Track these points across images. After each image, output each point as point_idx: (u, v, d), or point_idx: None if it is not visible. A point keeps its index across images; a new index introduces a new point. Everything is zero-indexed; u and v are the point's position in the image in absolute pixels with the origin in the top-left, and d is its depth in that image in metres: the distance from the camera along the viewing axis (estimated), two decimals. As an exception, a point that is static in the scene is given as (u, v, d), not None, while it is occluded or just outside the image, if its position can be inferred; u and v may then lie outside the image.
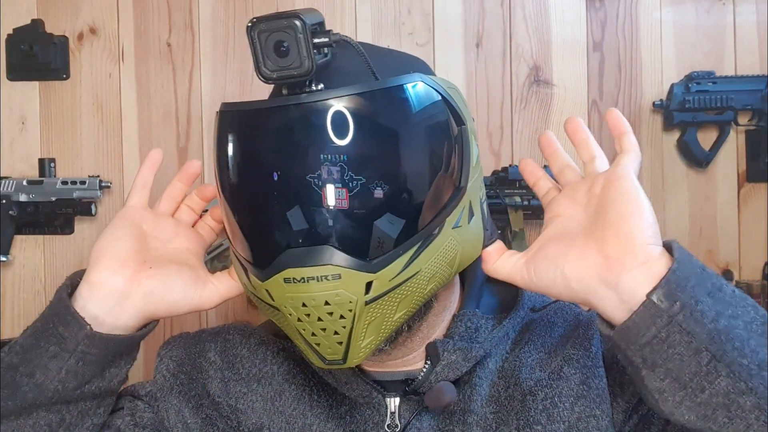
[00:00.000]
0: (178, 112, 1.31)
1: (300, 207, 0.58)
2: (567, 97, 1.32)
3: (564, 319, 0.72)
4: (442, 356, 0.65)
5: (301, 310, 0.58)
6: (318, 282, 0.57)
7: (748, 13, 1.32)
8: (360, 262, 0.58)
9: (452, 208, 0.63)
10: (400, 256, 0.59)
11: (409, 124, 0.60)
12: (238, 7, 1.31)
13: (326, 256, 0.57)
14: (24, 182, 1.26)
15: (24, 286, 1.30)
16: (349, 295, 0.57)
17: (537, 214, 1.27)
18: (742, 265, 1.33)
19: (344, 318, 0.58)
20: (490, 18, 1.32)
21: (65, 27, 1.30)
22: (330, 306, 0.57)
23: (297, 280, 0.57)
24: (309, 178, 0.57)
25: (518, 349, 0.69)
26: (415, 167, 0.61)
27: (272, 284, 0.59)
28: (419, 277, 0.60)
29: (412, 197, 0.60)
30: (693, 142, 1.30)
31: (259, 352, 0.74)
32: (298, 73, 0.56)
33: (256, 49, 0.58)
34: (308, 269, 0.57)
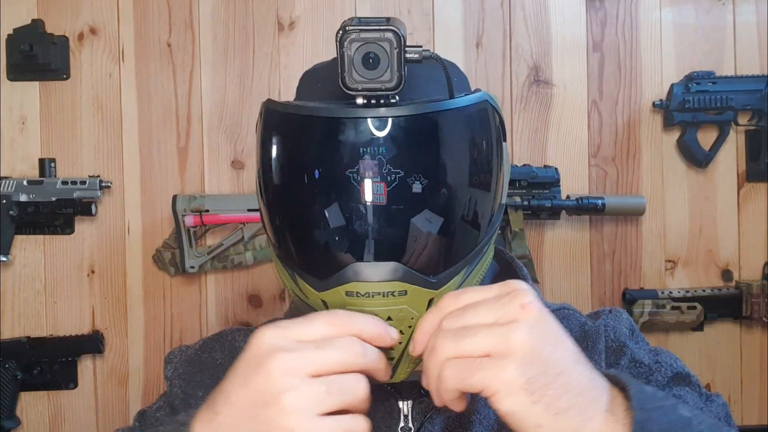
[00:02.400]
0: (178, 112, 1.31)
1: (371, 220, 0.57)
2: (567, 97, 1.32)
3: (570, 328, 0.71)
4: None
5: None
6: (384, 297, 0.56)
7: (748, 13, 1.33)
8: (425, 279, 0.58)
9: (497, 224, 0.64)
10: (459, 273, 0.60)
11: (477, 142, 0.61)
12: (238, 7, 1.31)
13: (393, 272, 0.56)
14: (24, 182, 1.26)
15: (24, 286, 1.30)
16: (412, 312, 0.57)
17: (537, 214, 1.27)
18: (742, 265, 1.33)
19: (402, 333, 0.57)
20: (490, 18, 1.32)
21: (65, 27, 1.30)
22: (392, 321, 0.56)
23: (361, 294, 0.56)
24: (383, 192, 0.57)
25: None
26: (479, 186, 0.61)
27: (332, 295, 0.58)
28: None
29: (474, 216, 0.61)
30: (693, 142, 1.30)
31: None
32: (386, 88, 0.55)
33: (344, 58, 0.55)
34: (376, 284, 0.56)
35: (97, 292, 1.30)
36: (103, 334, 1.30)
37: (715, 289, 1.30)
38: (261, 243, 1.29)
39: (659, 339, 1.32)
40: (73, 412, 1.30)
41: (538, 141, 1.32)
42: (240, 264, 1.29)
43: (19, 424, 1.28)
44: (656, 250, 1.33)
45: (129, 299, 1.31)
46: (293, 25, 1.32)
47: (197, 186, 1.31)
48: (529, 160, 1.31)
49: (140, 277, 1.31)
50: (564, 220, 1.31)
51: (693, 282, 1.33)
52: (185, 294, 1.31)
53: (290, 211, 0.62)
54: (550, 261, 1.32)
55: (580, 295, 1.33)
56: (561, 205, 1.25)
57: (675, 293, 1.29)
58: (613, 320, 0.72)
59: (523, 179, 1.25)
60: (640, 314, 1.28)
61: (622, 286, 1.33)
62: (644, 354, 0.69)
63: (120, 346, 1.31)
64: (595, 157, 1.32)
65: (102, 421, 1.30)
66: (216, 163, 1.31)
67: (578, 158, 1.32)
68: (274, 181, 0.62)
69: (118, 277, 1.31)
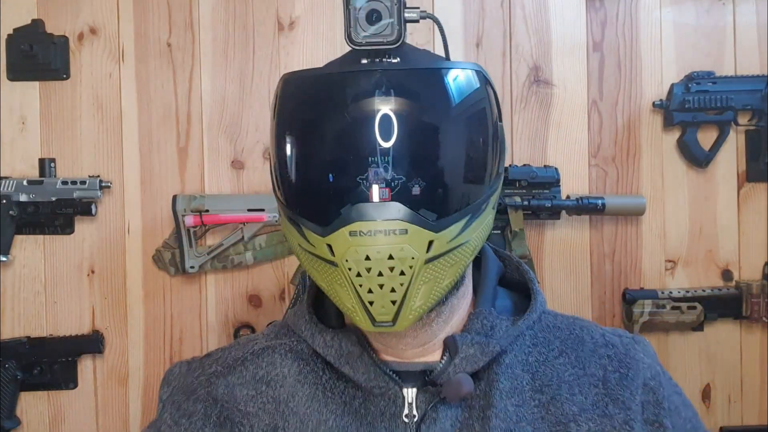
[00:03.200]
0: (178, 112, 1.31)
1: (371, 163, 0.61)
2: (567, 97, 1.32)
3: (592, 336, 0.72)
4: (460, 349, 0.66)
5: (363, 263, 0.60)
6: (385, 235, 0.59)
7: (748, 13, 1.33)
8: (425, 221, 0.61)
9: (495, 189, 0.68)
10: (458, 221, 0.62)
11: (472, 99, 0.65)
12: (238, 7, 1.31)
13: (395, 211, 0.60)
14: (24, 182, 1.27)
15: (24, 286, 1.30)
16: (413, 251, 0.60)
17: (537, 214, 1.27)
18: (742, 265, 1.33)
19: (404, 275, 0.60)
20: (490, 18, 1.32)
21: (65, 27, 1.30)
22: (393, 260, 0.59)
23: (364, 233, 0.59)
24: (385, 138, 0.61)
25: (549, 351, 0.70)
26: (478, 141, 0.65)
27: (336, 238, 0.60)
28: (467, 246, 0.64)
29: (473, 168, 0.65)
30: (693, 142, 1.30)
31: (265, 355, 0.73)
32: (387, 41, 0.61)
33: (351, 15, 0.61)
34: (377, 223, 0.59)
35: (97, 292, 1.30)
36: (103, 334, 1.30)
37: (715, 289, 1.30)
38: (261, 243, 1.29)
39: (659, 339, 1.32)
40: (73, 412, 1.30)
41: (538, 141, 1.32)
42: (240, 264, 1.29)
43: (19, 424, 1.28)
44: (656, 250, 1.33)
45: (129, 299, 1.31)
46: (293, 25, 1.32)
47: (197, 186, 1.31)
48: (529, 160, 1.31)
49: (140, 277, 1.31)
50: (564, 220, 1.31)
51: (693, 282, 1.33)
52: (185, 294, 1.31)
53: (299, 161, 0.65)
54: (550, 261, 1.32)
55: (580, 295, 1.33)
56: (561, 205, 1.25)
57: (675, 293, 1.29)
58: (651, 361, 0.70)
59: (523, 179, 1.25)
60: (640, 314, 1.28)
61: (622, 286, 1.33)
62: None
63: (120, 346, 1.31)
64: (595, 157, 1.32)
65: (102, 421, 1.30)
66: (216, 163, 1.31)
67: (578, 158, 1.32)
68: (287, 135, 0.66)
69: (118, 277, 1.31)
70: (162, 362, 1.30)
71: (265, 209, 1.27)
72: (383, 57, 0.63)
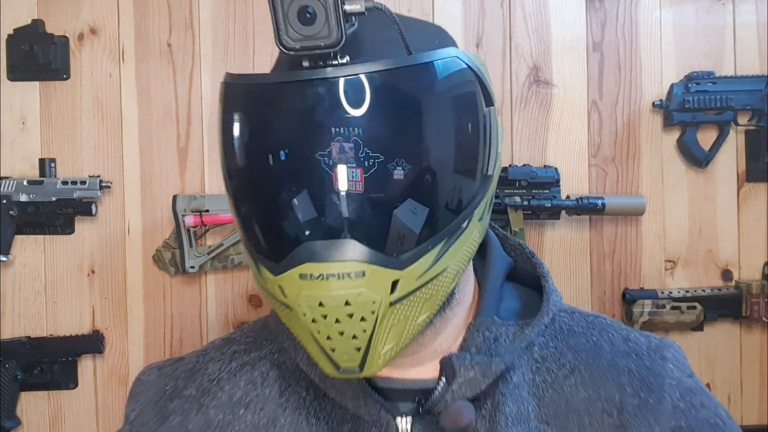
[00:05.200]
0: (178, 112, 1.31)
1: (321, 194, 0.52)
2: (567, 97, 1.32)
3: (612, 343, 0.63)
4: (458, 372, 0.58)
5: (317, 310, 0.51)
6: (339, 279, 0.50)
7: (748, 13, 1.33)
8: (386, 258, 0.52)
9: (480, 199, 0.58)
10: (428, 252, 0.53)
11: (442, 104, 0.55)
12: (238, 7, 1.31)
13: (349, 251, 0.51)
14: (24, 182, 1.27)
15: (24, 286, 1.30)
16: (373, 295, 0.51)
17: (537, 214, 1.27)
18: (741, 265, 1.33)
19: (365, 320, 0.52)
20: (490, 18, 1.32)
21: (65, 27, 1.30)
22: (351, 306, 0.51)
23: (315, 276, 0.51)
24: (333, 161, 0.51)
25: (558, 369, 0.61)
26: (447, 153, 0.55)
27: (286, 280, 0.52)
28: (445, 274, 0.55)
29: (442, 186, 0.55)
30: (693, 142, 1.30)
31: (244, 373, 0.65)
32: (325, 44, 0.50)
33: (278, 14, 0.51)
34: (328, 264, 0.51)
35: (97, 292, 1.30)
36: (103, 334, 1.30)
37: (715, 289, 1.30)
38: (261, 243, 1.29)
39: (659, 339, 1.32)
40: (73, 412, 1.30)
41: (538, 141, 1.32)
42: (240, 264, 1.29)
43: (19, 424, 1.28)
44: (656, 250, 1.33)
45: (129, 299, 1.31)
46: (293, 25, 1.31)
47: (197, 186, 1.31)
48: (529, 160, 1.31)
49: (140, 277, 1.31)
50: (564, 220, 1.31)
51: (693, 282, 1.33)
52: (185, 294, 1.31)
53: (240, 190, 0.58)
54: (550, 261, 1.32)
55: (580, 295, 1.33)
56: (561, 205, 1.25)
57: (675, 293, 1.29)
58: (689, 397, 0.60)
59: (523, 179, 1.25)
60: (640, 314, 1.28)
61: (622, 286, 1.33)
62: None
63: (120, 346, 1.31)
64: (595, 157, 1.33)
65: (102, 421, 1.30)
66: (216, 163, 1.31)
67: (578, 158, 1.32)
68: (224, 161, 0.58)
69: (118, 277, 1.31)
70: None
71: (265, 209, 1.27)
72: (327, 59, 0.52)
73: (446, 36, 0.64)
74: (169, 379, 0.68)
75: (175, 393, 0.67)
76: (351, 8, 0.51)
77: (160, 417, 0.65)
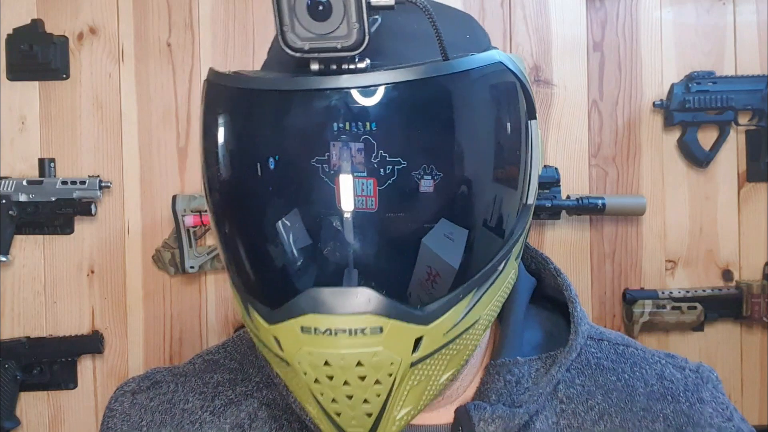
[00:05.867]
0: (178, 112, 1.31)
1: (332, 231, 0.43)
2: (567, 97, 1.32)
3: (645, 382, 0.55)
4: (477, 427, 0.49)
5: (321, 369, 0.42)
6: (350, 336, 0.41)
7: (748, 13, 1.32)
8: (409, 312, 0.42)
9: (520, 234, 0.48)
10: (460, 302, 0.44)
11: (482, 121, 0.46)
12: (238, 7, 1.31)
13: (364, 302, 0.41)
14: (24, 182, 1.26)
15: (24, 286, 1.30)
16: (392, 355, 0.41)
17: (537, 214, 1.27)
18: (742, 265, 1.33)
19: (380, 384, 0.42)
20: (490, 18, 1.32)
21: (65, 27, 1.30)
22: (363, 368, 0.41)
23: (320, 331, 0.41)
24: (350, 193, 0.42)
25: (586, 413, 0.53)
26: (491, 180, 0.46)
27: (283, 331, 0.43)
28: (476, 327, 0.46)
29: (478, 218, 0.45)
30: (693, 142, 1.30)
31: (229, 414, 0.56)
32: (342, 47, 0.40)
33: (282, 6, 0.40)
34: (338, 318, 0.41)
35: (96, 292, 1.30)
36: (103, 334, 1.30)
37: (716, 289, 1.30)
38: (261, 243, 1.29)
39: (659, 339, 1.32)
40: (73, 412, 1.30)
41: (538, 141, 1.32)
42: (240, 264, 1.29)
43: (18, 424, 1.28)
44: (656, 250, 1.33)
45: (129, 299, 1.31)
46: (293, 25, 1.31)
47: (197, 186, 1.31)
48: (529, 160, 1.31)
49: (140, 277, 1.31)
50: (564, 220, 1.31)
51: (693, 282, 1.33)
52: (185, 294, 1.31)
53: (230, 217, 0.48)
54: (550, 261, 1.32)
55: (581, 296, 1.32)
56: (561, 205, 1.25)
57: (675, 293, 1.29)
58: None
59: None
60: (640, 314, 1.28)
61: (623, 286, 1.33)
62: None
63: (120, 346, 1.31)
64: (595, 157, 1.32)
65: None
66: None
67: (578, 158, 1.32)
68: (211, 175, 0.48)
69: (118, 277, 1.31)
70: (162, 362, 1.30)
71: (265, 209, 1.27)
72: (342, 62, 0.42)
73: (478, 28, 0.54)
74: (145, 412, 0.59)
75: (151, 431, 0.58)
76: (377, 2, 0.40)
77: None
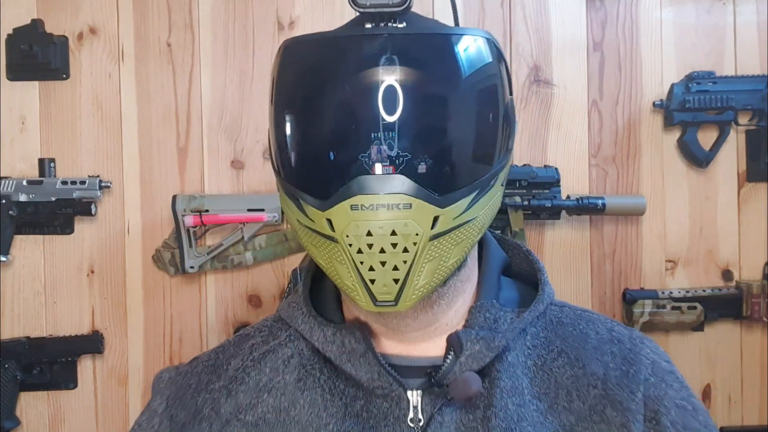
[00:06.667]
0: (178, 112, 1.31)
1: (375, 137, 0.58)
2: (567, 96, 1.32)
3: (597, 332, 0.69)
4: (465, 346, 0.64)
5: (363, 239, 0.57)
6: (388, 210, 0.57)
7: (748, 13, 1.32)
8: (430, 195, 0.58)
9: (504, 164, 0.65)
10: (465, 197, 0.60)
11: (484, 70, 0.62)
12: (238, 7, 1.31)
13: (399, 185, 0.57)
14: (24, 182, 1.27)
15: (24, 286, 1.30)
16: (417, 227, 0.57)
17: (537, 214, 1.27)
18: (742, 265, 1.33)
19: (407, 252, 0.58)
20: (490, 18, 1.32)
21: (65, 27, 1.30)
22: (396, 236, 0.57)
23: (366, 207, 0.57)
24: (390, 107, 0.58)
25: (548, 354, 0.68)
26: (486, 113, 0.62)
27: (336, 212, 0.58)
28: (474, 223, 0.62)
29: (482, 144, 0.62)
30: (693, 142, 1.30)
31: (267, 360, 0.71)
32: (393, 3, 0.58)
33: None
34: (380, 197, 0.57)
35: (96, 292, 1.30)
36: (103, 334, 1.30)
37: (716, 289, 1.30)
38: (261, 243, 1.29)
39: (659, 339, 1.32)
40: (73, 412, 1.30)
41: (538, 141, 1.32)
42: (240, 264, 1.29)
43: (19, 424, 1.28)
44: (656, 250, 1.33)
45: (129, 299, 1.31)
46: (293, 25, 1.32)
47: (197, 186, 1.31)
48: (529, 160, 1.31)
49: (140, 277, 1.31)
50: (564, 220, 1.31)
51: (693, 282, 1.33)
52: (185, 294, 1.31)
53: (298, 128, 0.63)
54: (550, 261, 1.32)
55: (580, 296, 1.32)
56: (561, 205, 1.25)
57: (675, 293, 1.29)
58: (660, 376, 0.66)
59: (523, 179, 1.25)
60: (640, 314, 1.28)
61: (622, 286, 1.33)
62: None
63: (120, 346, 1.31)
64: (595, 157, 1.32)
65: (102, 421, 1.30)
66: (216, 163, 1.31)
67: (578, 158, 1.32)
68: (285, 101, 0.63)
69: (118, 277, 1.31)
70: (162, 362, 1.30)
71: (264, 209, 1.27)
72: (388, 21, 0.60)
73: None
74: (191, 376, 0.72)
75: (200, 387, 0.70)
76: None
77: (190, 411, 0.69)
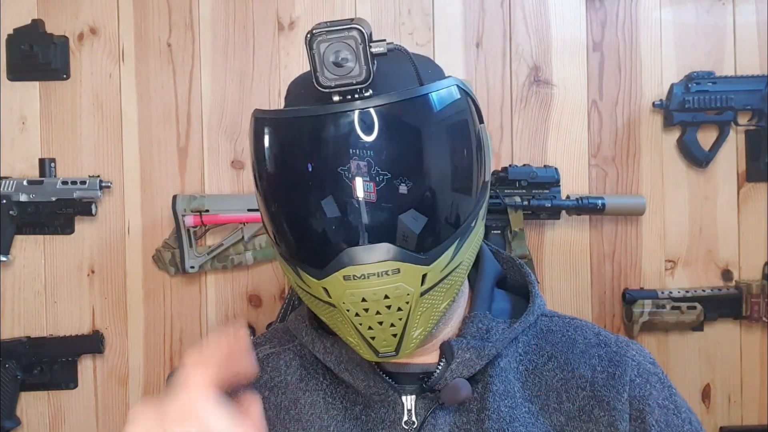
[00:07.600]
0: (178, 112, 1.31)
1: (358, 207, 0.61)
2: (567, 97, 1.32)
3: (584, 337, 0.73)
4: (456, 354, 0.67)
5: (360, 305, 0.61)
6: (378, 277, 0.60)
7: (748, 13, 1.33)
8: (416, 256, 0.62)
9: (482, 201, 0.68)
10: (449, 248, 0.64)
11: (451, 124, 0.65)
12: (238, 7, 1.31)
13: (385, 253, 0.61)
14: (24, 182, 1.27)
15: (24, 286, 1.30)
16: (408, 288, 0.61)
17: (537, 214, 1.27)
18: (742, 265, 1.33)
19: (401, 310, 0.62)
20: (490, 18, 1.32)
21: (65, 27, 1.30)
22: (389, 299, 0.61)
23: (357, 276, 0.60)
24: (367, 179, 0.61)
25: (538, 359, 0.71)
26: (459, 165, 0.65)
27: (331, 282, 0.62)
28: (462, 267, 0.66)
29: (457, 193, 0.65)
30: (693, 142, 1.30)
31: (270, 361, 0.75)
32: (357, 82, 0.60)
33: (315, 59, 0.60)
34: (369, 266, 0.60)
35: (97, 292, 1.30)
36: (103, 334, 1.30)
37: (715, 289, 1.30)
38: (261, 243, 1.29)
39: (659, 339, 1.32)
40: (73, 412, 1.30)
41: (538, 141, 1.32)
42: (240, 264, 1.29)
43: (19, 424, 1.28)
44: (656, 250, 1.33)
45: (129, 299, 1.31)
46: (293, 25, 1.32)
47: (197, 186, 1.31)
48: (529, 160, 1.31)
49: (140, 277, 1.31)
50: (564, 220, 1.31)
51: (693, 282, 1.33)
52: (185, 294, 1.31)
53: (284, 208, 0.66)
54: (550, 261, 1.32)
55: (580, 295, 1.33)
56: (561, 205, 1.25)
57: (675, 293, 1.29)
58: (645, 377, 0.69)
59: (523, 179, 1.25)
60: (640, 314, 1.28)
61: (622, 286, 1.33)
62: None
63: (120, 346, 1.31)
64: (595, 157, 1.32)
65: (102, 421, 1.30)
66: (216, 163, 1.31)
67: (578, 158, 1.32)
68: (267, 183, 0.67)
69: (118, 277, 1.31)
70: (162, 362, 1.31)
71: (265, 209, 1.27)
72: (354, 94, 0.62)
73: (435, 65, 0.74)
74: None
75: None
76: (377, 50, 0.61)
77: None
